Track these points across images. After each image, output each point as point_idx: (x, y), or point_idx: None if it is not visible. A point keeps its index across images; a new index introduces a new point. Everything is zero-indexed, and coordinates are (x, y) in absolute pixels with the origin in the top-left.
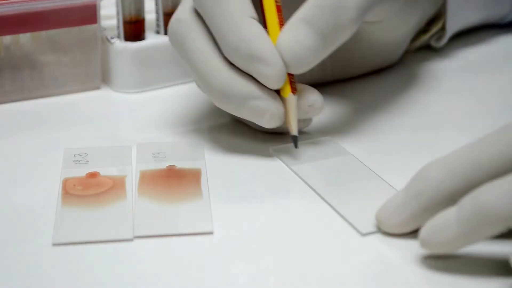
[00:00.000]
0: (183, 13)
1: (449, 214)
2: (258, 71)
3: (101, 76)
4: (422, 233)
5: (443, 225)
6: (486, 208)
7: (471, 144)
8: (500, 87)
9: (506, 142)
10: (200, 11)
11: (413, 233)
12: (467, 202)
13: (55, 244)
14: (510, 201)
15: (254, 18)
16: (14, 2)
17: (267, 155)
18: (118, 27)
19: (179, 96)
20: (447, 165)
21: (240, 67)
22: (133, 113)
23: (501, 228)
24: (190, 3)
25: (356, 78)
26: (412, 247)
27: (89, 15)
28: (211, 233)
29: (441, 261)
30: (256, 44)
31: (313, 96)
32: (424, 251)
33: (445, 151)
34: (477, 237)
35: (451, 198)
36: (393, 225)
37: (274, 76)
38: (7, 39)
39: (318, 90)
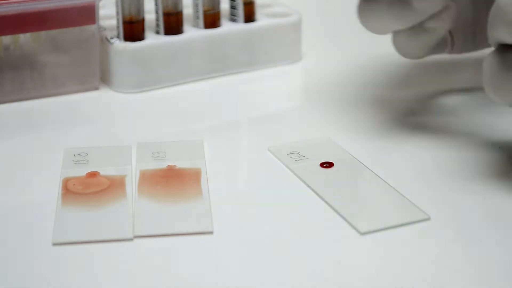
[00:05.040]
0: None
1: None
2: None
3: (99, 76)
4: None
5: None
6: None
7: None
8: None
9: None
10: None
11: (413, 232)
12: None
13: (55, 244)
14: None
15: None
16: (14, 2)
17: (267, 155)
18: (117, 27)
19: (179, 96)
20: None
21: None
22: (133, 113)
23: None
24: None
25: (355, 78)
26: (411, 246)
27: (88, 15)
28: (211, 233)
29: (439, 260)
30: None
31: None
32: None
33: (443, 151)
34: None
35: None
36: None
37: None
38: (7, 39)
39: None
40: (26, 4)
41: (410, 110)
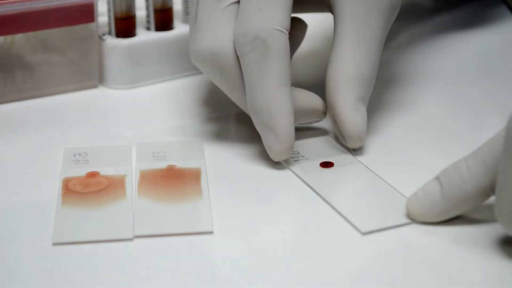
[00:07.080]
0: (221, 46)
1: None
2: (267, 140)
3: (98, 74)
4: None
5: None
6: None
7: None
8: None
9: None
10: (240, 56)
11: (414, 232)
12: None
13: (55, 244)
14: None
15: (289, 88)
16: (12, 2)
17: (267, 155)
18: (109, 23)
19: (172, 92)
20: (484, 159)
21: (254, 124)
22: (128, 110)
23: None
24: (229, 32)
25: None
26: (412, 246)
27: (87, 13)
28: (211, 233)
29: (441, 258)
30: (278, 118)
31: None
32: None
33: (442, 151)
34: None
35: (489, 191)
36: (429, 217)
37: (278, 153)
38: (1, 39)
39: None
40: (24, 3)
41: (411, 110)
